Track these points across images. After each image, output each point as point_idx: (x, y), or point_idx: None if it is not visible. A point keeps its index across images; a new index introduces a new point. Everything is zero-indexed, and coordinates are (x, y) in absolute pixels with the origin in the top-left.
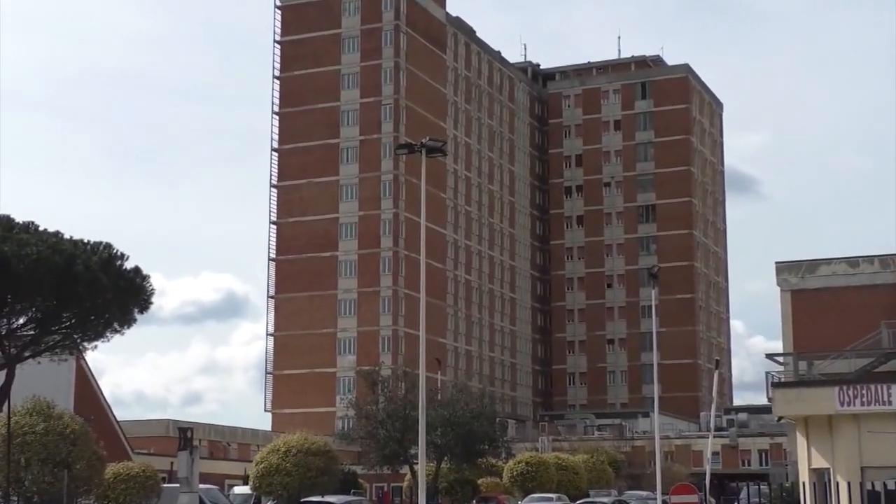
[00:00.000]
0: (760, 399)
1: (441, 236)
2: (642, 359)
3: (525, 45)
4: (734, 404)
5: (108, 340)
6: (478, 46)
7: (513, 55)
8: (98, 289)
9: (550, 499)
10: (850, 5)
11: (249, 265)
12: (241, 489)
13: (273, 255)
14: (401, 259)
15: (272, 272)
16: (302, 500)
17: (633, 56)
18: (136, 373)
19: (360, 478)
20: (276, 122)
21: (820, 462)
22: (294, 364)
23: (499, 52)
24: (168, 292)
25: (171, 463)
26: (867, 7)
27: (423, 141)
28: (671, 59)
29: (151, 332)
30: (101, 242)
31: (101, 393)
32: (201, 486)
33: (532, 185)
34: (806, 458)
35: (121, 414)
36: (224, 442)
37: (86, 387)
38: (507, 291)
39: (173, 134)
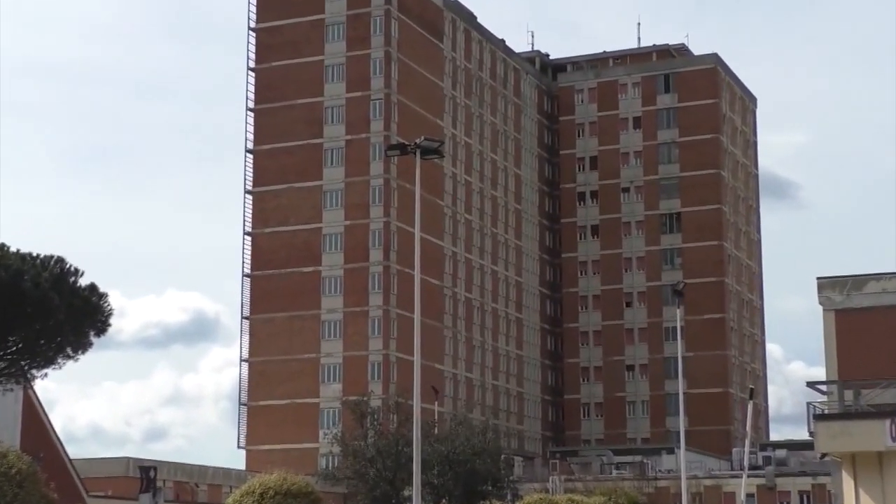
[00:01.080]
0: (801, 433)
1: (438, 249)
2: (666, 387)
3: (532, 33)
4: (771, 439)
5: (60, 367)
6: (479, 34)
7: (519, 44)
8: (49, 309)
9: None
10: None
11: (221, 282)
12: None
13: (248, 271)
14: (392, 274)
15: (247, 290)
16: None
17: (654, 45)
18: (92, 404)
19: None
20: (251, 120)
21: None
22: (271, 394)
23: (503, 41)
24: (128, 313)
25: None
26: None
27: (418, 141)
28: (698, 49)
29: (109, 358)
30: (52, 256)
31: (52, 427)
32: None
33: (540, 191)
34: (853, 500)
35: (74, 451)
36: (192, 483)
37: (34, 420)
38: (513, 311)
39: (134, 133)
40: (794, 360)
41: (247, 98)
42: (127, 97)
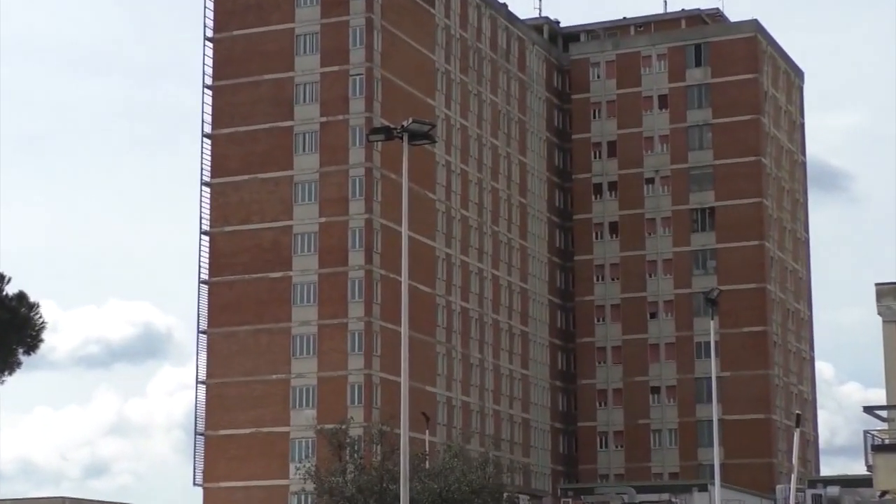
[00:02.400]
0: (857, 467)
1: (429, 250)
2: (698, 413)
3: None
4: (821, 474)
5: None
6: None
7: (524, 9)
8: None
9: None
10: None
11: (173, 290)
12: None
13: (205, 277)
14: (376, 280)
15: (204, 299)
16: None
17: (683, 10)
18: (21, 435)
19: None
20: (209, 100)
21: None
22: (233, 422)
23: (505, 6)
24: (64, 326)
25: None
26: None
27: (405, 124)
28: (735, 14)
29: (42, 380)
30: None
31: None
32: None
33: (549, 182)
34: None
35: (1, 490)
36: None
37: None
38: (517, 324)
39: (71, 115)
40: (849, 381)
41: (203, 73)
42: (60, 74)
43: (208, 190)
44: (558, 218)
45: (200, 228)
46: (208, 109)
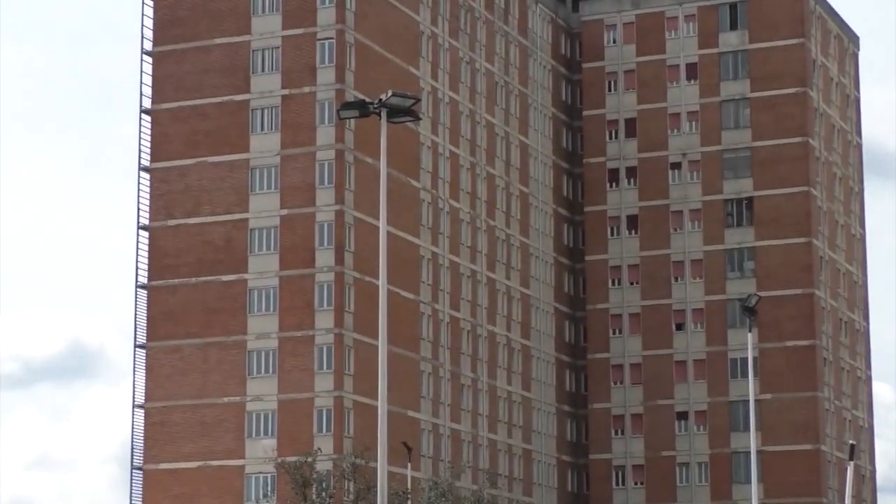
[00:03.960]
0: None
1: (412, 249)
2: (732, 443)
3: None
4: None
5: None
6: None
7: None
8: None
9: None
10: None
11: (105, 296)
12: None
13: (143, 280)
14: (348, 285)
15: (142, 307)
16: None
17: None
18: None
19: None
20: (148, 68)
21: None
22: (177, 453)
23: None
24: None
25: None
26: None
27: (384, 98)
28: None
29: None
30: None
31: None
32: None
33: (556, 168)
34: None
35: None
36: None
37: None
38: (518, 337)
39: None
40: None
41: (142, 37)
42: None
43: (147, 176)
44: (566, 210)
45: (138, 222)
46: (147, 80)
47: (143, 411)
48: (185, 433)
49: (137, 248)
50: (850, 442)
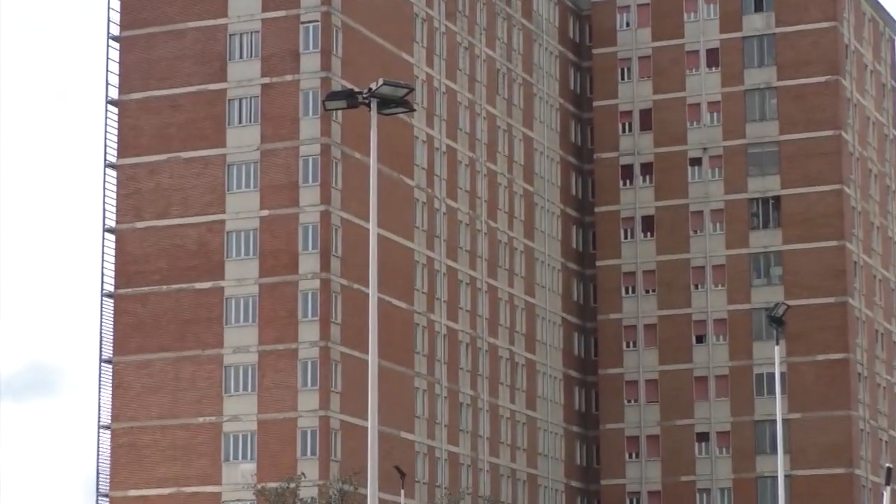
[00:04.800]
0: None
1: (405, 253)
2: (759, 467)
3: None
4: None
5: None
6: None
7: None
8: None
9: None
10: None
11: (68, 306)
12: None
13: (110, 289)
14: (334, 293)
15: (108, 317)
16: None
17: None
18: None
19: None
20: (116, 55)
21: None
22: (148, 479)
23: None
24: None
25: None
26: None
27: (374, 87)
28: None
29: None
30: None
31: None
32: None
33: (564, 164)
34: None
35: None
36: None
37: None
38: (522, 350)
39: None
40: None
41: (108, 22)
42: None
43: (114, 174)
44: (575, 211)
45: (104, 225)
46: (114, 68)
47: (109, 432)
48: (156, 457)
49: (103, 253)
50: (887, 465)
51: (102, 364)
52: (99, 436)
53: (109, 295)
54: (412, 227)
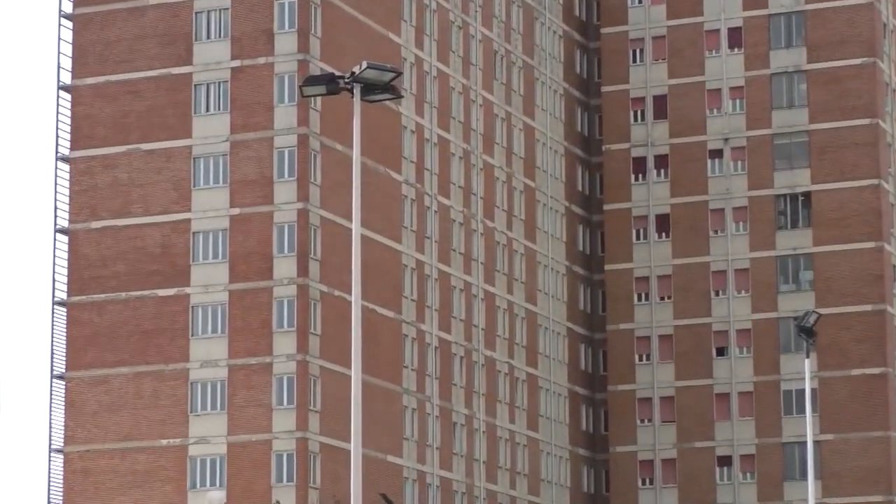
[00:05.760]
0: None
1: (393, 257)
2: (787, 494)
3: None
4: None
5: None
6: None
7: None
8: None
9: None
10: None
11: (17, 316)
12: None
13: (63, 297)
14: (313, 301)
15: (60, 328)
16: None
17: None
18: None
19: None
20: (68, 35)
21: None
22: None
23: None
24: None
25: None
26: None
27: (356, 71)
28: None
29: None
30: None
31: None
32: None
33: (569, 157)
34: None
35: None
36: None
37: None
38: (522, 364)
39: None
40: None
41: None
42: None
43: (67, 168)
44: (582, 209)
45: (55, 225)
46: (67, 49)
47: (62, 456)
48: (114, 483)
49: (55, 257)
50: None
51: (54, 380)
52: (50, 460)
53: (62, 303)
54: (400, 227)
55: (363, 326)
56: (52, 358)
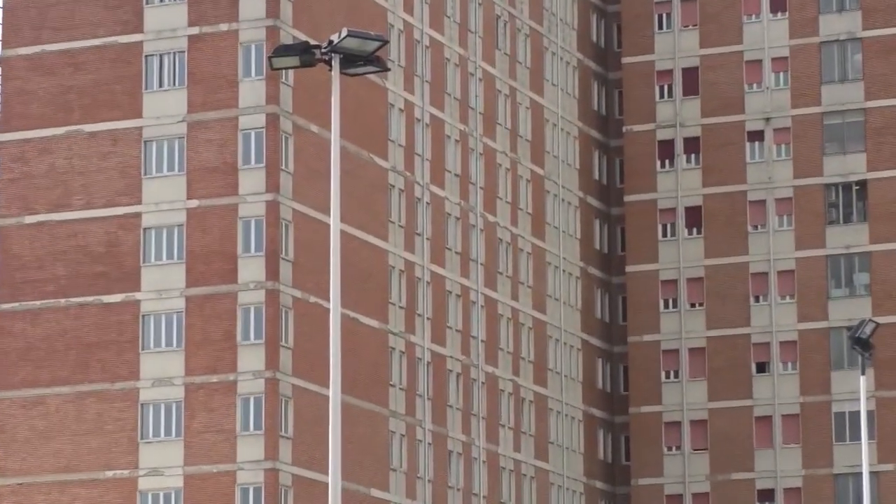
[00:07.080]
0: None
1: (378, 256)
2: None
3: None
4: None
5: None
6: None
7: None
8: None
9: None
10: None
11: None
12: None
13: None
14: (284, 308)
15: None
16: None
17: None
18: None
19: None
20: None
21: None
22: None
23: None
24: None
25: None
26: None
27: (335, 39)
28: None
29: None
30: None
31: None
32: None
33: (583, 140)
34: None
35: None
36: None
37: None
38: (528, 382)
39: None
40: None
41: None
42: None
43: None
44: (599, 201)
45: None
46: None
47: None
48: None
49: None
50: None
51: None
52: None
53: None
54: (386, 222)
55: (343, 338)
56: None
